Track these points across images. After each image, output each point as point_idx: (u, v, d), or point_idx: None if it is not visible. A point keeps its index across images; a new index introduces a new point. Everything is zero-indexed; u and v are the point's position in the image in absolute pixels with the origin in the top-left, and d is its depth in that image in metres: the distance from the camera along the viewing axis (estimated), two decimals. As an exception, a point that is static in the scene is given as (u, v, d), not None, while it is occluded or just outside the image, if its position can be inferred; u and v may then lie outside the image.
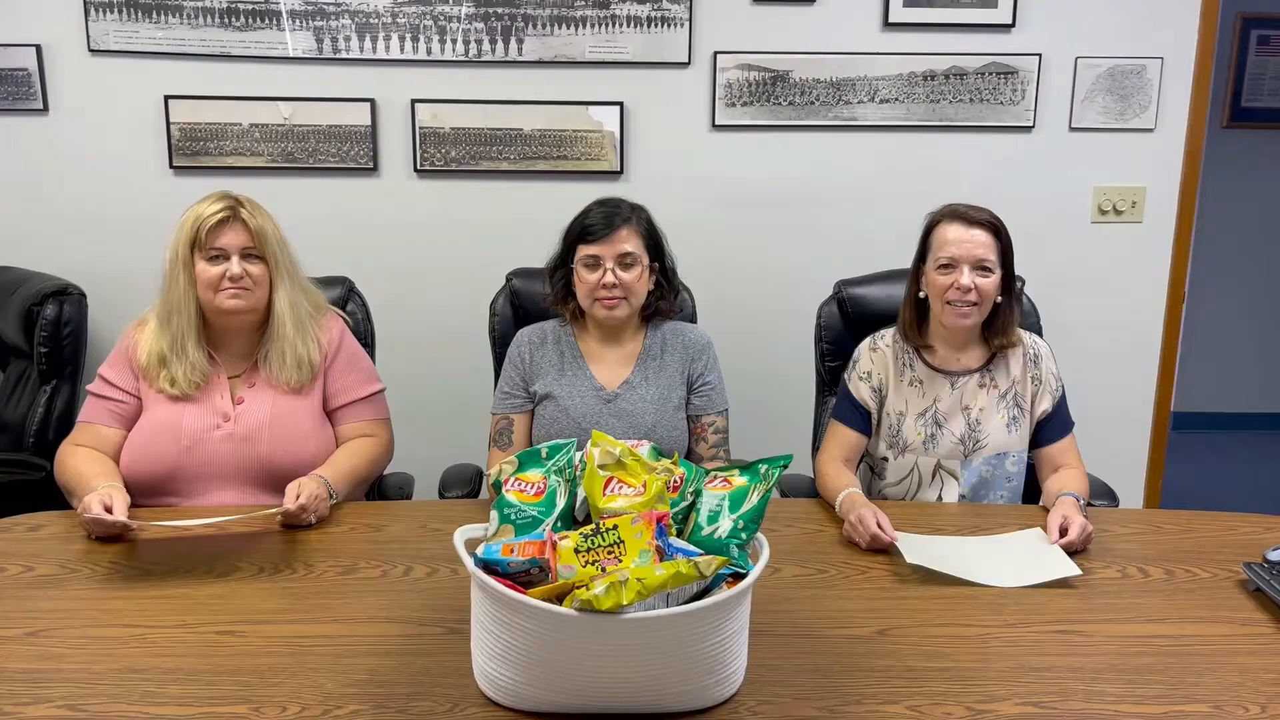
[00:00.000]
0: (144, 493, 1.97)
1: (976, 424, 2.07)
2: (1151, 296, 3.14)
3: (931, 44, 2.93)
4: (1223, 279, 4.90)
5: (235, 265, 1.96)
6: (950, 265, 2.00)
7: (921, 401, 2.09)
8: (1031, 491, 2.18)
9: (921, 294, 2.09)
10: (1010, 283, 2.06)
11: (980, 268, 2.00)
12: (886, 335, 2.15)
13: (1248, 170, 4.81)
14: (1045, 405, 2.09)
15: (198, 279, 1.98)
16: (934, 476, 2.09)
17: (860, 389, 2.12)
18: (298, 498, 1.82)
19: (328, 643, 1.42)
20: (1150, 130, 3.02)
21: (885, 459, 2.12)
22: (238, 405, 2.02)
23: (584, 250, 2.09)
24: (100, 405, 2.03)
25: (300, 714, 1.25)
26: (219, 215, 1.96)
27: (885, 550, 1.75)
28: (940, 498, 2.09)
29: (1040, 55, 2.95)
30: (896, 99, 2.96)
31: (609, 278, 2.06)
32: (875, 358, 2.13)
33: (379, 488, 2.29)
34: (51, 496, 2.54)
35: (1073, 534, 1.77)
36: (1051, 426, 2.09)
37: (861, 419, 2.12)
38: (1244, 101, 4.77)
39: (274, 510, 1.81)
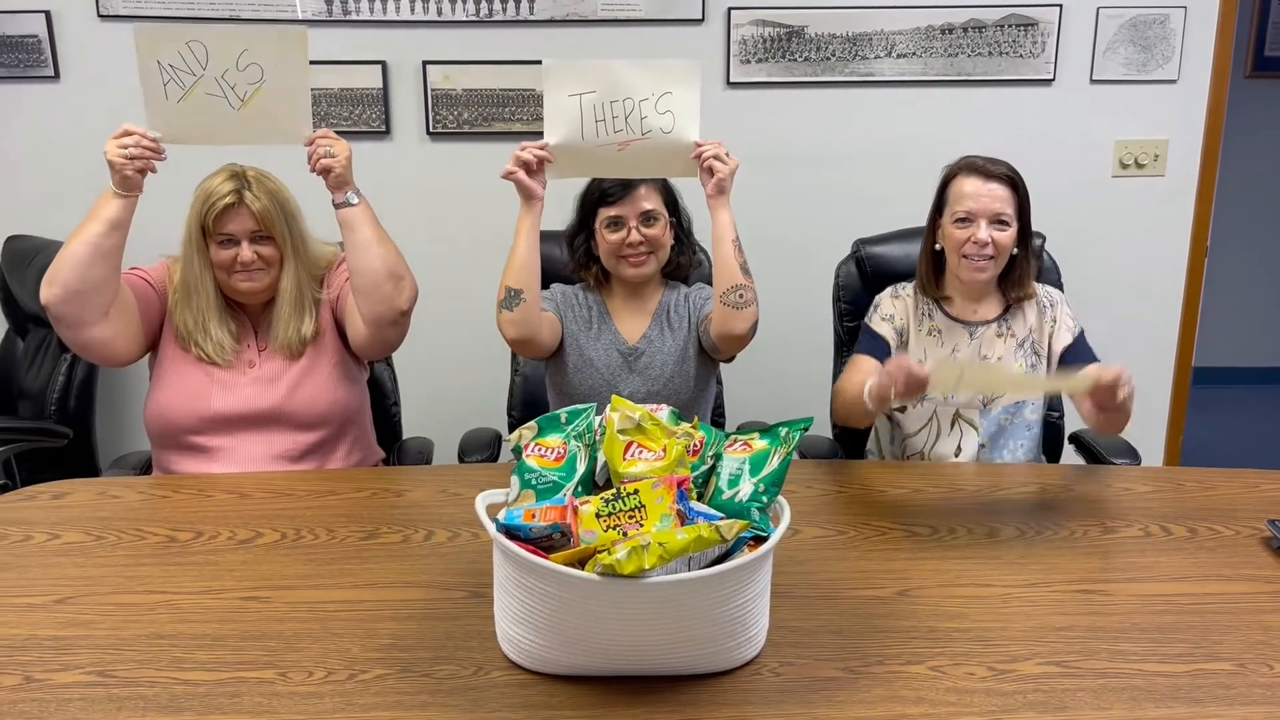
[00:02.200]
0: (176, 433, 2.02)
1: None
2: (1174, 251, 3.11)
3: (949, -4, 2.88)
4: (1245, 230, 4.83)
5: (246, 251, 1.99)
6: (967, 219, 2.00)
7: (940, 350, 2.10)
8: (1051, 447, 2.17)
9: (937, 246, 2.08)
10: (1027, 236, 2.05)
11: (997, 221, 1.99)
12: (908, 286, 2.16)
13: (1271, 120, 4.73)
14: (1065, 340, 2.09)
15: (211, 261, 2.01)
16: (953, 426, 2.10)
17: (882, 327, 2.12)
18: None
19: (351, 608, 1.43)
20: (1173, 82, 2.96)
21: (904, 406, 2.12)
22: (261, 352, 2.07)
23: (605, 213, 2.09)
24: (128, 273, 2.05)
25: (326, 678, 1.26)
26: (225, 201, 1.97)
27: (919, 391, 1.69)
28: (959, 448, 2.09)
29: (1061, 6, 2.89)
30: (914, 53, 2.91)
31: (634, 235, 2.07)
32: (897, 304, 2.14)
33: (398, 452, 2.30)
34: (76, 464, 2.58)
35: (1113, 373, 1.74)
36: (1076, 355, 2.08)
37: (884, 350, 2.11)
38: (1267, 50, 4.68)
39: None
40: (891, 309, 2.13)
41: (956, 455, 2.09)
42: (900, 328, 2.12)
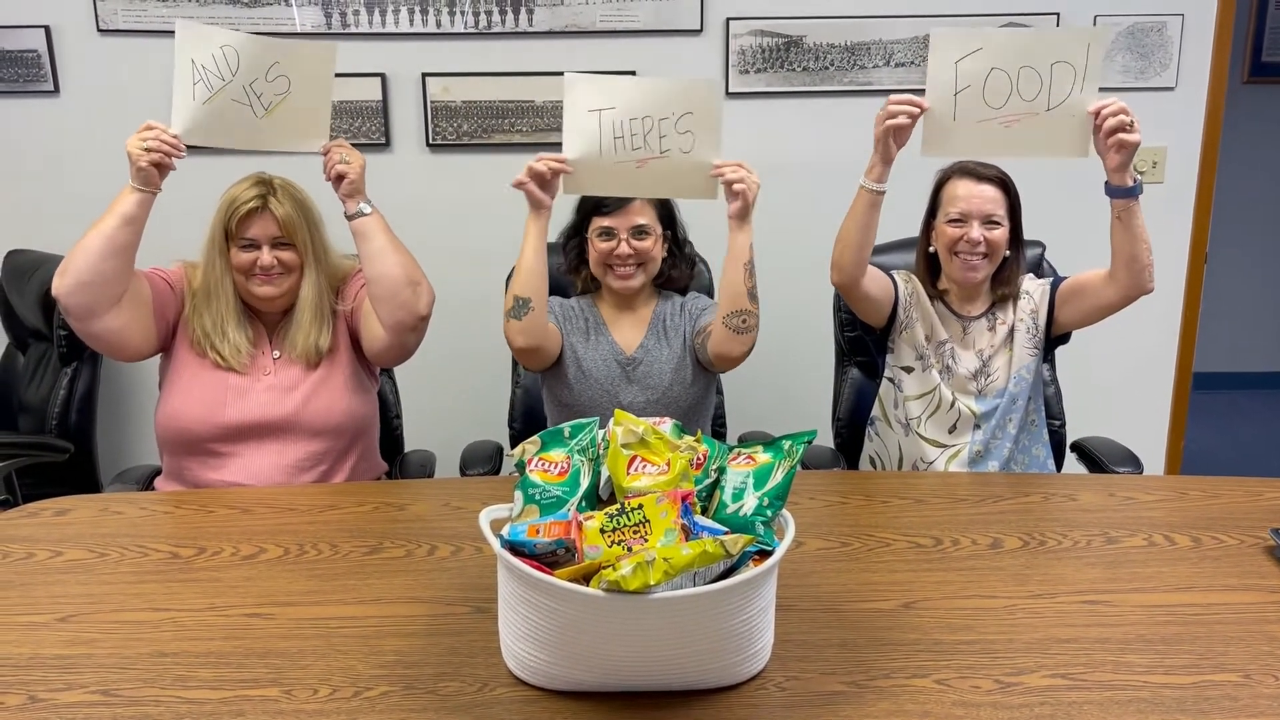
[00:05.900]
0: (189, 439, 2.03)
1: (988, 360, 2.14)
2: (1173, 258, 3.11)
3: (947, 5, 2.89)
4: (1243, 236, 4.84)
5: (266, 255, 2.01)
6: (960, 220, 2.07)
7: (938, 335, 2.16)
8: (1054, 455, 2.16)
9: (931, 249, 2.15)
10: (1018, 236, 2.12)
11: (989, 221, 2.06)
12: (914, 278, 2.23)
13: (1268, 126, 4.74)
14: (1045, 307, 2.15)
15: (232, 264, 2.03)
16: (952, 405, 2.14)
17: (895, 274, 2.19)
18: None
19: (355, 624, 1.43)
20: (1171, 89, 2.97)
21: (910, 368, 2.16)
22: (277, 360, 2.08)
23: (598, 222, 2.10)
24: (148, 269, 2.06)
25: (331, 696, 1.26)
26: (249, 205, 1.99)
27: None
28: (955, 426, 2.13)
29: (1058, 14, 2.90)
30: (912, 62, 2.92)
31: (623, 248, 2.08)
32: (911, 280, 2.20)
33: (400, 465, 2.30)
34: (77, 479, 2.57)
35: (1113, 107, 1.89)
36: (1062, 287, 2.15)
37: (889, 276, 2.17)
38: (1264, 56, 4.69)
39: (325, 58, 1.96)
40: (908, 279, 2.20)
41: (951, 432, 2.13)
42: (908, 291, 2.17)
